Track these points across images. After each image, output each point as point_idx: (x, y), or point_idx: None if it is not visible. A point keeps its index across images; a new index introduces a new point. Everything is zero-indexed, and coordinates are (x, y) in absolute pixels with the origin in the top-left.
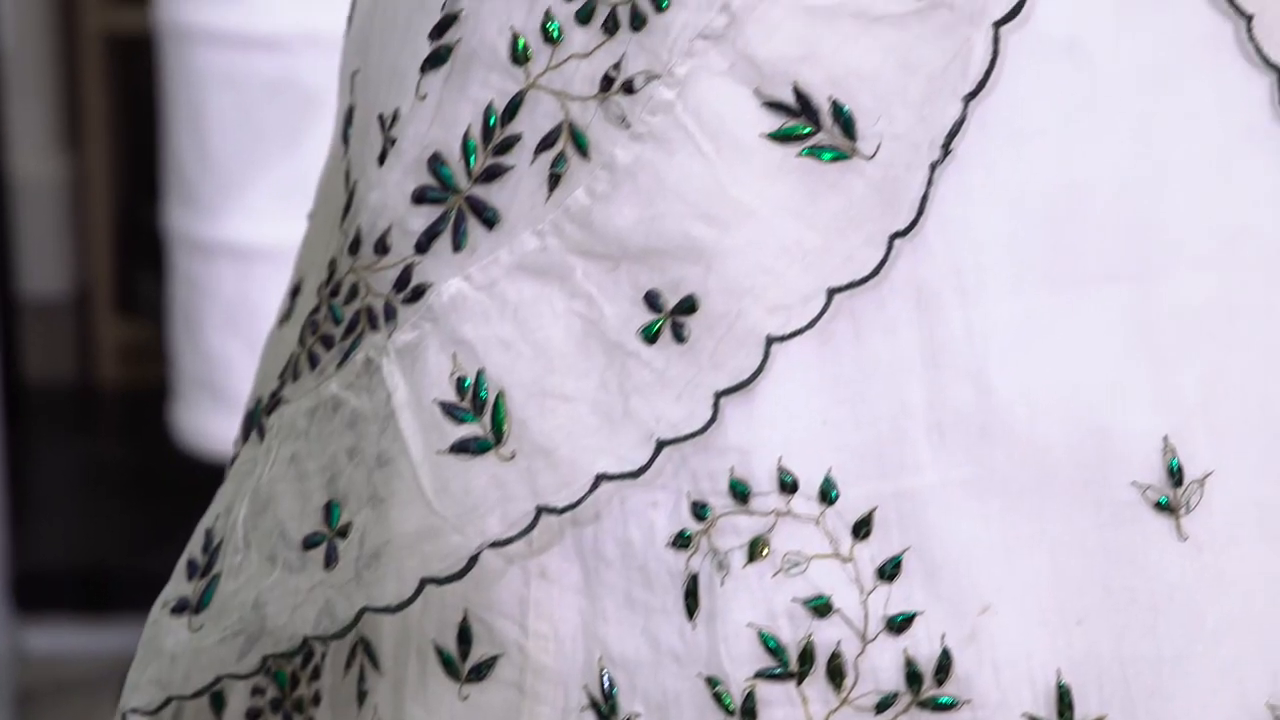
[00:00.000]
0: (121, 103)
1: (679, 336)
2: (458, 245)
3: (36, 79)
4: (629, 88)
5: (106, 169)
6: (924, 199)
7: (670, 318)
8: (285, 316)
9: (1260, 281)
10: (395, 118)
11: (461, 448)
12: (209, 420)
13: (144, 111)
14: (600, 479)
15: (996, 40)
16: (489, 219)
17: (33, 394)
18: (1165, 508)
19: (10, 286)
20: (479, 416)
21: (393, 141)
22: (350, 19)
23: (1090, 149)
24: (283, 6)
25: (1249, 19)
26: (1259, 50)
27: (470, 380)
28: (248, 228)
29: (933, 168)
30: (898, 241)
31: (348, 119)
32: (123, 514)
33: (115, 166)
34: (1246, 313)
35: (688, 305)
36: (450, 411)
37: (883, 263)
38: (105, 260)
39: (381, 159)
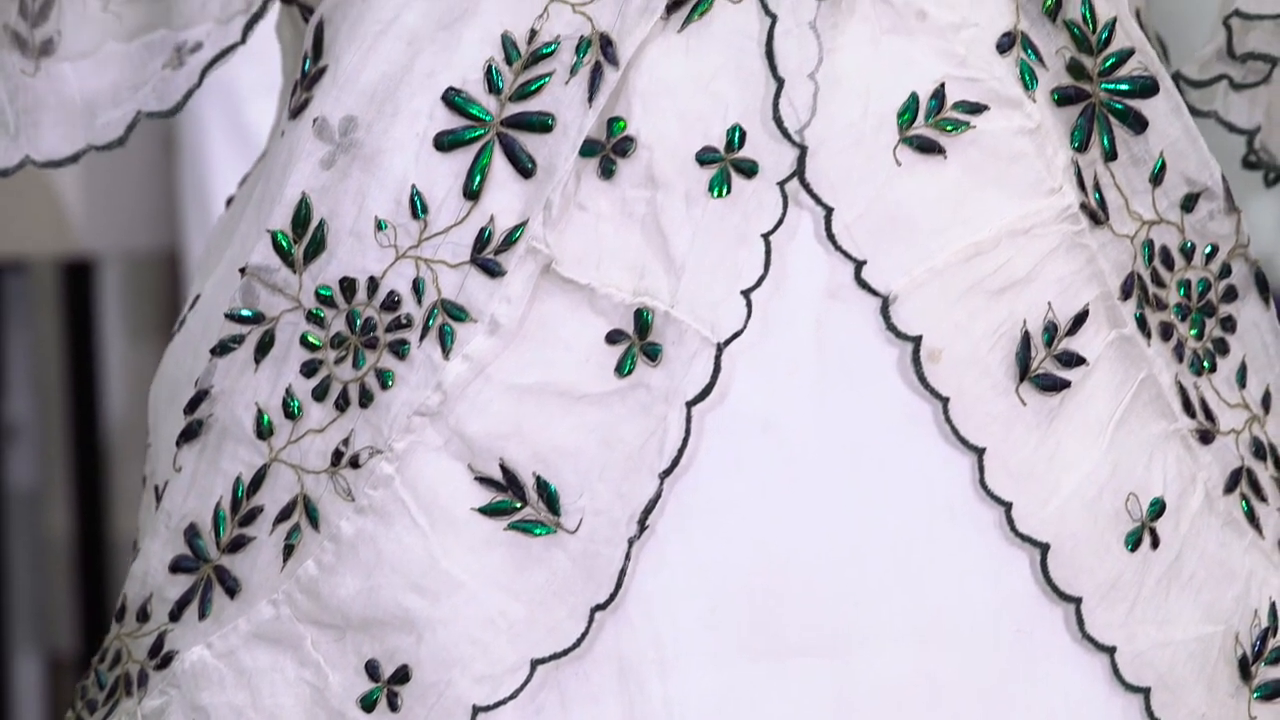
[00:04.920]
0: None
1: (393, 705)
2: (203, 613)
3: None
4: (355, 462)
5: None
6: (623, 573)
7: (386, 687)
8: None
9: (961, 657)
10: (166, 488)
11: None
12: None
13: None
14: None
15: (689, 419)
16: (230, 588)
17: None
18: None
19: None
20: None
21: (159, 511)
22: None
23: (788, 525)
24: None
25: (945, 401)
26: (956, 431)
27: None
28: None
29: (630, 543)
30: (599, 614)
31: (143, 490)
32: None
33: None
34: (948, 687)
35: (402, 675)
36: None
37: (584, 635)
38: None
39: (152, 529)
